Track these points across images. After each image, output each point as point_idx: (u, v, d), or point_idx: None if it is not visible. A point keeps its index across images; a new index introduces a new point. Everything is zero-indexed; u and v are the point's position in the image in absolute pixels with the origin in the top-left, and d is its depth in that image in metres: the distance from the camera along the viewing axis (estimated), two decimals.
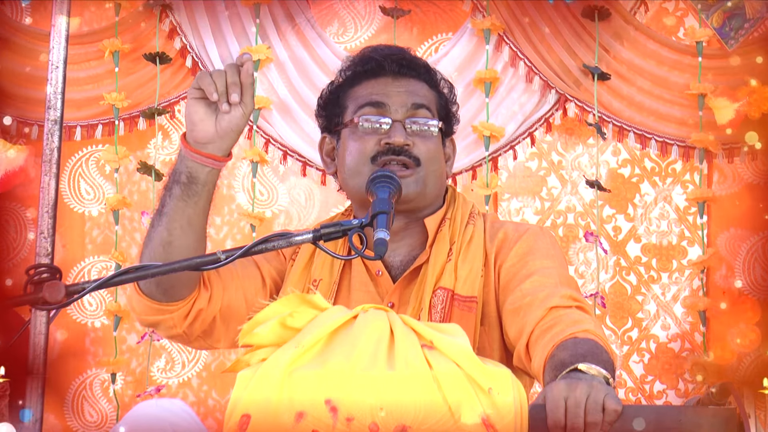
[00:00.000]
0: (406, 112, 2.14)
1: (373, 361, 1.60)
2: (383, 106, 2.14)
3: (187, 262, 1.83)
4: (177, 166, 2.02)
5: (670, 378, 4.35)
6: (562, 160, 4.48)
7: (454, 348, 1.63)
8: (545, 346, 1.86)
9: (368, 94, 2.16)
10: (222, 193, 4.70)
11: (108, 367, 4.48)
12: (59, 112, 3.76)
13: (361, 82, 2.19)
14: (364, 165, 2.11)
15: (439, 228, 2.15)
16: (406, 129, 2.12)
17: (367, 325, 1.67)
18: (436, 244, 2.12)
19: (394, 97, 2.14)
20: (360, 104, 2.15)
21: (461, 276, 2.09)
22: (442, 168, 2.17)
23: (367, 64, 2.19)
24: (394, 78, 2.17)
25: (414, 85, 2.17)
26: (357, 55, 2.23)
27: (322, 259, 2.14)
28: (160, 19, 4.46)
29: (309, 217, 4.61)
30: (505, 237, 2.14)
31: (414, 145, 2.11)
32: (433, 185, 2.14)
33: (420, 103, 2.15)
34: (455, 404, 1.57)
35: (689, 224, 4.38)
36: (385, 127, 2.12)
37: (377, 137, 2.11)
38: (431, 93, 2.19)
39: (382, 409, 1.55)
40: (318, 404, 1.56)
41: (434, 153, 2.14)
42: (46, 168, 3.67)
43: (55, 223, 3.75)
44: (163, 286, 2.05)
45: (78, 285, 1.81)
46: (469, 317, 2.05)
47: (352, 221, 1.88)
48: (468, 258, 2.11)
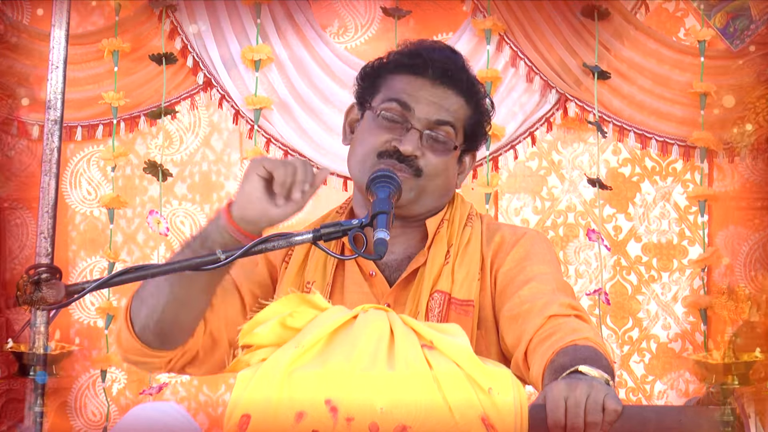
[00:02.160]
0: (429, 124, 2.08)
1: (373, 361, 1.60)
2: (409, 109, 2.08)
3: (187, 262, 1.82)
4: (212, 235, 1.91)
5: (671, 378, 4.35)
6: (562, 159, 4.48)
7: (454, 348, 1.63)
8: (544, 353, 1.85)
9: (401, 89, 2.10)
10: (211, 180, 4.70)
11: (99, 364, 4.49)
12: (59, 112, 3.77)
13: (401, 73, 2.13)
14: (369, 157, 2.07)
15: (438, 229, 2.13)
16: (422, 139, 2.07)
17: (367, 325, 1.66)
18: (433, 245, 2.10)
19: (424, 104, 2.09)
20: (390, 96, 2.10)
21: (458, 279, 2.07)
22: (447, 182, 2.13)
23: (413, 58, 2.13)
24: (432, 83, 2.10)
25: (449, 98, 2.11)
26: (410, 45, 2.18)
27: (315, 261, 2.12)
28: (161, 20, 4.46)
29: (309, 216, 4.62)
30: (502, 241, 2.12)
31: (423, 156, 2.06)
32: (433, 198, 2.11)
33: (445, 120, 2.09)
34: (455, 404, 1.57)
35: (690, 223, 4.38)
36: (403, 131, 2.08)
37: (390, 136, 2.07)
38: (464, 110, 2.13)
39: (382, 409, 1.54)
40: (318, 404, 1.56)
41: (441, 169, 2.09)
42: (46, 168, 3.68)
43: (55, 223, 3.76)
44: (162, 333, 1.98)
45: (78, 285, 1.80)
46: (465, 321, 2.03)
47: (352, 221, 1.87)
48: (465, 261, 2.09)
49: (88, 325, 4.64)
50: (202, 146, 4.72)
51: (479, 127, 2.17)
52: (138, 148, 4.69)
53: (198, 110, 4.69)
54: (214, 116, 4.70)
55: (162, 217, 4.31)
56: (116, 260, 4.47)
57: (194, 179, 4.71)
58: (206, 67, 4.47)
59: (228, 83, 4.46)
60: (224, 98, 4.47)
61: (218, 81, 4.47)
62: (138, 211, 4.68)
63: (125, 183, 4.67)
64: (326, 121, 4.40)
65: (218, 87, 4.47)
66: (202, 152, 4.72)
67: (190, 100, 4.56)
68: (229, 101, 4.47)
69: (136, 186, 4.69)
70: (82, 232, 4.71)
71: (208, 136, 4.72)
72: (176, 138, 4.71)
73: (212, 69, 4.47)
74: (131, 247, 4.68)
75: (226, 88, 4.46)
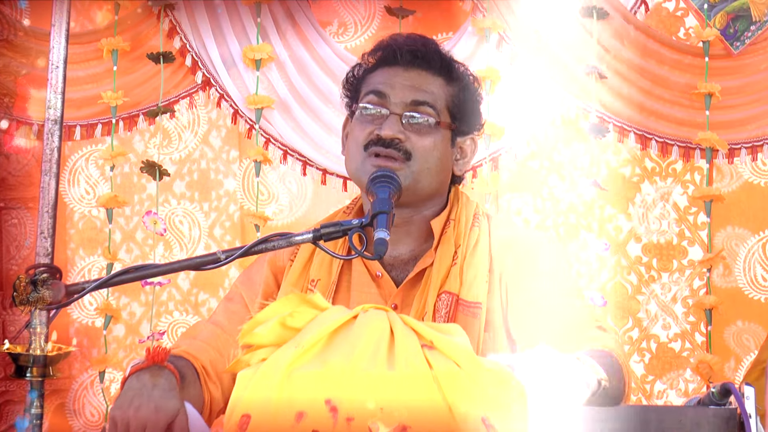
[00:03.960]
0: (406, 106, 2.09)
1: (373, 361, 1.60)
2: (384, 96, 2.10)
3: (187, 262, 1.83)
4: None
5: (671, 378, 4.35)
6: (562, 159, 4.48)
7: (454, 348, 1.63)
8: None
9: (376, 82, 2.13)
10: (209, 178, 4.70)
11: (96, 365, 4.48)
12: (59, 112, 3.76)
13: (376, 69, 2.16)
14: (358, 152, 2.09)
15: (444, 229, 2.13)
16: (403, 123, 2.08)
17: (367, 325, 1.66)
18: (440, 246, 2.10)
19: (398, 89, 2.10)
20: (366, 91, 2.13)
21: (467, 281, 2.07)
22: (441, 165, 2.13)
23: (383, 51, 2.17)
24: (405, 69, 2.12)
25: (424, 79, 2.12)
26: (379, 42, 2.21)
27: (320, 259, 2.13)
28: (159, 18, 4.46)
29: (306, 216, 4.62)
30: (511, 243, 2.12)
31: (407, 139, 2.07)
32: (429, 182, 2.11)
33: (422, 100, 2.10)
34: (455, 404, 1.57)
35: (689, 224, 4.38)
36: (383, 119, 2.10)
37: (373, 126, 2.09)
38: (444, 89, 2.14)
39: (382, 409, 1.54)
40: (318, 404, 1.55)
41: (429, 149, 2.09)
42: (46, 168, 3.67)
43: (55, 223, 3.75)
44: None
45: (78, 285, 1.80)
46: (473, 323, 2.03)
47: (352, 221, 1.87)
48: (474, 263, 2.08)
49: (86, 325, 4.64)
50: (200, 144, 4.71)
51: (467, 105, 2.17)
52: (137, 146, 4.69)
53: (197, 109, 4.68)
54: (213, 113, 4.69)
55: (159, 217, 4.31)
56: (115, 260, 4.47)
57: (193, 177, 4.71)
58: (205, 66, 4.47)
59: (227, 82, 4.46)
60: (223, 97, 4.47)
61: (217, 80, 4.47)
62: (137, 209, 4.68)
63: (123, 180, 4.66)
64: (326, 120, 4.40)
65: (217, 86, 4.47)
66: (200, 150, 4.72)
67: (189, 99, 4.56)
68: (228, 100, 4.46)
69: (135, 184, 4.69)
70: (80, 231, 4.71)
71: (207, 134, 4.72)
72: (174, 136, 4.71)
73: (211, 68, 4.47)
74: (130, 245, 4.68)
75: (225, 87, 4.46)
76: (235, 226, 4.69)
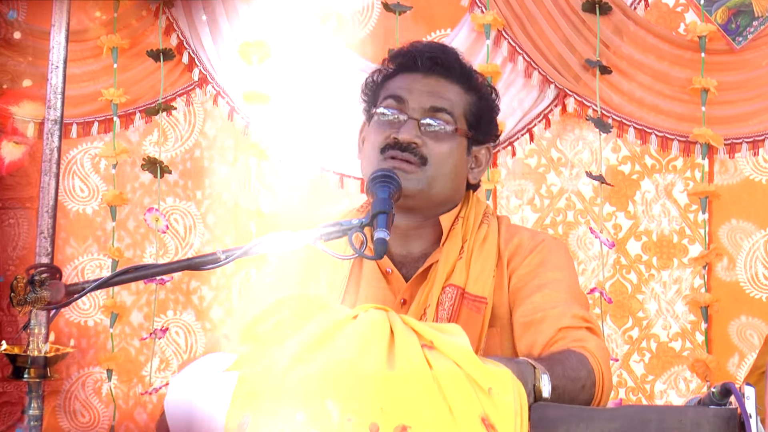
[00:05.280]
0: (424, 112, 2.12)
1: (373, 361, 1.60)
2: (403, 101, 2.13)
3: (187, 262, 1.83)
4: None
5: (671, 377, 4.35)
6: (561, 156, 4.47)
7: (454, 348, 1.63)
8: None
9: (395, 87, 2.16)
10: (203, 166, 4.69)
11: (105, 363, 4.48)
12: (59, 112, 3.76)
13: (396, 75, 2.19)
14: (374, 155, 2.12)
15: (452, 226, 2.15)
16: (420, 128, 2.11)
17: (367, 325, 1.66)
18: (447, 241, 2.13)
19: (417, 94, 2.14)
20: (385, 96, 2.16)
21: (473, 274, 2.09)
22: (456, 172, 2.15)
23: (403, 57, 2.20)
24: (424, 75, 2.16)
25: (443, 86, 2.16)
26: (399, 48, 2.24)
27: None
28: (157, 16, 4.46)
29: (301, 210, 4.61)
30: (520, 243, 2.14)
31: (424, 144, 2.10)
32: (442, 188, 2.13)
33: (440, 107, 2.13)
34: (455, 404, 1.57)
35: (690, 222, 4.38)
36: (401, 123, 2.12)
37: (390, 130, 2.12)
38: (463, 97, 2.17)
39: (382, 409, 1.54)
40: (318, 404, 1.56)
41: (445, 155, 2.12)
42: (45, 167, 3.67)
43: (55, 223, 3.75)
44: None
45: (78, 285, 1.80)
46: (476, 318, 2.05)
47: (352, 221, 1.88)
48: (481, 257, 2.11)
49: (85, 325, 4.63)
50: (194, 134, 4.70)
51: (484, 115, 2.20)
52: (131, 138, 4.67)
53: (193, 106, 4.67)
54: (207, 104, 4.66)
55: (161, 214, 4.31)
56: (121, 257, 4.47)
57: (186, 165, 4.69)
58: (201, 63, 4.47)
59: (223, 79, 4.46)
60: (219, 95, 4.48)
61: (213, 77, 4.47)
62: (133, 202, 4.66)
63: (118, 171, 4.63)
64: (323, 116, 4.40)
65: (213, 83, 4.47)
66: (194, 139, 4.70)
67: (186, 96, 4.56)
68: (224, 98, 4.47)
69: (128, 173, 4.67)
70: (75, 229, 4.70)
71: (202, 124, 4.70)
72: (171, 134, 4.70)
73: (207, 65, 4.47)
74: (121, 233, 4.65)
75: (222, 84, 4.46)
76: (224, 204, 4.66)
